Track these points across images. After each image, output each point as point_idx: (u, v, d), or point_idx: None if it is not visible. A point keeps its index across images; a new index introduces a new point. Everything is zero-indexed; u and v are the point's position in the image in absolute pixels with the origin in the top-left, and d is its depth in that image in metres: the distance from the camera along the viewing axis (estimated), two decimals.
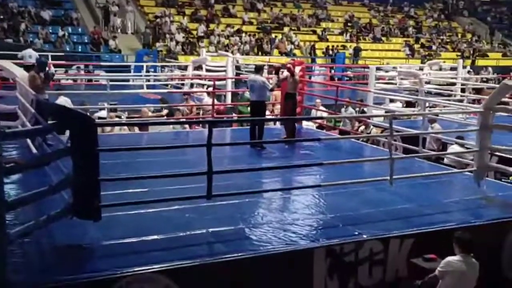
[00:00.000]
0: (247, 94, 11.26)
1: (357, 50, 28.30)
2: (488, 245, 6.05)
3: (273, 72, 10.82)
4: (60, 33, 23.06)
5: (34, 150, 7.24)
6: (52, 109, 5.21)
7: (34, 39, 22.33)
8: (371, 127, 11.52)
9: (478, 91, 16.32)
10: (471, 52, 31.98)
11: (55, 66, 17.66)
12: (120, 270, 4.53)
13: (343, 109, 12.88)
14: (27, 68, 10.60)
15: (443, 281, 5.15)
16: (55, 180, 5.01)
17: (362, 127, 11.97)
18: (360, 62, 26.88)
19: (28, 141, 7.56)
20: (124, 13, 26.41)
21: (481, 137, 7.09)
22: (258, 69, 9.63)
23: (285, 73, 9.95)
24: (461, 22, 36.54)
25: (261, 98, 9.33)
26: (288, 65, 10.14)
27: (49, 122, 5.34)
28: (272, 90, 10.00)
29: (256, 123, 9.26)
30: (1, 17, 23.22)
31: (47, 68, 8.89)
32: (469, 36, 34.79)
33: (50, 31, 23.60)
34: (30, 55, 17.22)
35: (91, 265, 4.62)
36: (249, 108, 9.96)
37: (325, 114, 12.82)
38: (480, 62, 30.09)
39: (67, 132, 5.12)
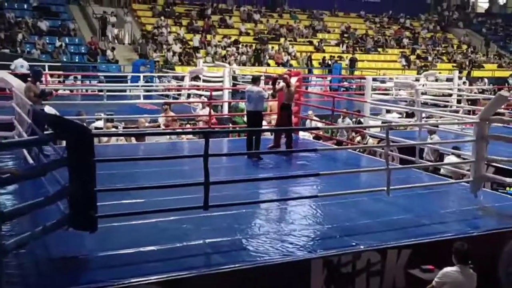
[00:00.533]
0: (242, 105, 11.27)
1: (353, 61, 28.42)
2: (485, 255, 6.04)
3: (270, 82, 10.79)
4: (57, 43, 23.07)
5: (30, 161, 7.22)
6: (48, 119, 5.20)
7: (31, 50, 22.33)
8: (368, 137, 11.54)
9: (474, 102, 16.39)
10: (467, 63, 32.16)
11: (52, 76, 17.70)
12: (116, 281, 4.50)
13: (340, 120, 12.90)
14: (23, 78, 10.59)
15: None
16: (51, 191, 4.99)
17: (359, 138, 11.99)
18: (356, 73, 26.98)
19: (25, 151, 7.54)
20: (121, 23, 26.48)
21: (477, 147, 7.11)
22: (255, 80, 9.62)
23: (281, 83, 9.96)
24: (457, 34, 36.78)
25: (258, 108, 9.35)
26: (285, 76, 10.17)
27: (46, 132, 5.33)
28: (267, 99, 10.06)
29: (253, 133, 9.26)
30: None
31: (44, 87, 8.87)
32: (464, 47, 35.00)
33: (47, 41, 23.62)
34: (22, 65, 17.20)
35: (88, 276, 4.59)
36: (245, 118, 9.96)
37: (319, 124, 12.83)
38: (476, 73, 30.24)
39: (63, 142, 5.11)
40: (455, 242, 5.38)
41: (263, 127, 12.80)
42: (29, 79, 9.08)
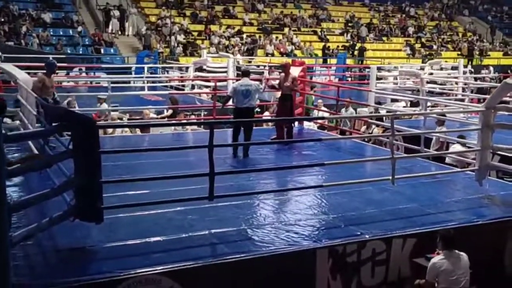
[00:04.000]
0: None
1: (362, 50, 28.35)
2: (491, 244, 6.05)
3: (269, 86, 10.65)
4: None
5: (36, 153, 7.24)
6: (54, 111, 5.22)
7: (30, 41, 22.26)
8: (373, 126, 11.52)
9: (480, 90, 16.31)
10: (472, 51, 31.96)
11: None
12: (123, 272, 4.53)
13: (343, 109, 12.85)
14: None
15: (439, 283, 5.15)
16: (57, 183, 5.01)
17: (364, 127, 11.97)
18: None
19: (30, 143, 7.57)
20: (125, 15, 26.43)
21: (483, 136, 7.09)
22: (247, 73, 9.14)
23: (281, 75, 9.77)
24: (462, 22, 36.52)
25: (253, 104, 8.83)
26: (285, 63, 10.08)
27: (52, 124, 5.35)
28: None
29: (245, 127, 8.58)
30: (2, 20, 23.26)
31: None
32: (470, 35, 34.77)
33: (51, 33, 23.63)
34: None
35: (94, 267, 4.63)
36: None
37: (326, 114, 12.81)
38: (480, 61, 30.08)
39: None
40: (439, 230, 5.39)
41: (266, 117, 12.81)
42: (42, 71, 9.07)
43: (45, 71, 8.77)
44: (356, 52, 28.69)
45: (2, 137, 3.83)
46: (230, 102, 9.35)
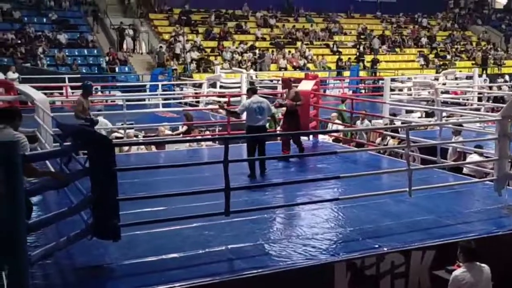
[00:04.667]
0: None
1: (375, 62, 28.34)
2: (511, 254, 5.95)
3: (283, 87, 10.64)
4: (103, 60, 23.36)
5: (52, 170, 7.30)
6: (71, 130, 5.28)
7: (36, 61, 22.55)
8: (388, 138, 11.45)
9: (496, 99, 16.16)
10: (486, 60, 31.75)
11: (72, 88, 17.93)
12: None
13: (358, 122, 12.80)
14: None
15: None
16: (74, 201, 5.05)
17: (379, 139, 11.90)
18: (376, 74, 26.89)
19: (48, 163, 7.64)
20: (138, 33, 26.76)
21: (500, 145, 7.01)
22: (255, 91, 8.88)
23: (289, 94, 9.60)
24: (475, 31, 36.35)
25: (266, 122, 8.65)
26: (284, 78, 10.01)
27: (68, 143, 5.41)
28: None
29: (259, 144, 8.35)
30: (19, 41, 23.67)
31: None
32: (484, 44, 34.57)
33: (67, 53, 23.99)
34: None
35: (112, 285, 4.64)
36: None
37: (340, 127, 12.78)
38: (496, 70, 29.85)
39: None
40: (460, 241, 5.31)
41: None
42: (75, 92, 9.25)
43: (82, 93, 8.85)
44: (368, 64, 28.68)
45: (20, 157, 3.89)
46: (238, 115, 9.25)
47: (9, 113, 5.06)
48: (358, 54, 29.46)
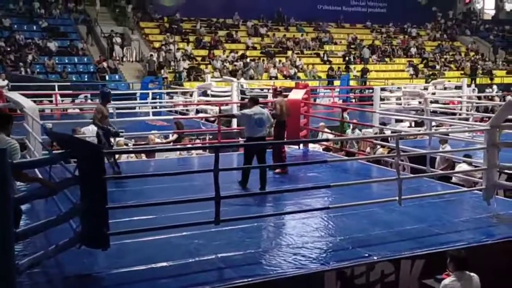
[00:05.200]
0: None
1: (364, 71, 28.52)
2: (501, 264, 5.98)
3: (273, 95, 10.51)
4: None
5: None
6: (60, 138, 5.25)
7: (25, 68, 22.45)
8: (378, 147, 11.50)
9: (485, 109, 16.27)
10: (475, 70, 32.05)
11: (62, 96, 17.88)
12: None
13: (349, 131, 12.86)
14: None
15: None
16: (63, 209, 5.02)
17: (368, 149, 11.95)
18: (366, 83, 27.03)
19: (36, 171, 7.59)
20: (129, 41, 26.74)
21: (489, 155, 7.06)
22: (257, 101, 8.57)
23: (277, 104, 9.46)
24: (464, 41, 36.72)
25: (266, 132, 8.47)
26: (274, 87, 9.95)
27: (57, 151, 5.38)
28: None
29: (258, 155, 8.18)
30: (9, 49, 23.56)
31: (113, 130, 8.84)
32: (472, 54, 34.91)
33: (57, 61, 23.91)
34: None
35: None
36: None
37: (330, 136, 12.81)
38: (485, 80, 30.13)
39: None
40: (450, 250, 5.34)
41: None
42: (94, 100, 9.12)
43: (101, 101, 8.69)
44: (358, 73, 28.85)
45: (9, 165, 3.86)
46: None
47: (2, 119, 5.00)
48: (346, 63, 29.65)
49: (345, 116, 13.45)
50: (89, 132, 11.36)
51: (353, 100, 21.92)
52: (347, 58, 30.52)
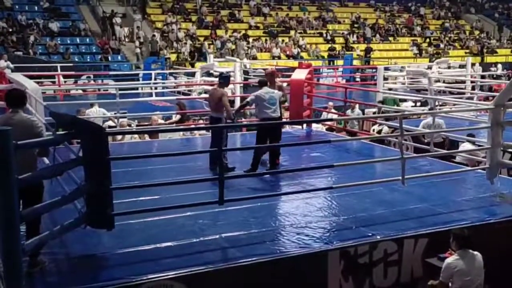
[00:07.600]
0: None
1: (368, 50, 28.32)
2: (504, 242, 6.00)
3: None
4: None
5: (47, 161, 7.27)
6: (63, 119, 5.24)
7: (25, 49, 22.38)
8: (383, 126, 11.46)
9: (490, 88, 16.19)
10: (480, 49, 31.81)
11: (64, 77, 17.85)
12: (135, 278, 4.54)
13: (348, 111, 12.78)
14: None
15: (453, 284, 5.11)
16: (67, 190, 5.04)
17: (375, 127, 11.91)
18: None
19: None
20: (131, 22, 26.58)
21: (493, 134, 7.03)
22: (266, 83, 8.33)
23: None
24: (469, 20, 36.37)
25: (278, 113, 8.27)
26: (267, 71, 9.78)
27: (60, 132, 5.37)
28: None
29: (271, 137, 8.07)
30: (10, 30, 23.45)
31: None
32: (477, 33, 34.60)
33: (59, 42, 23.80)
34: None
35: (106, 274, 4.64)
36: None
37: (334, 116, 12.78)
38: (489, 59, 29.91)
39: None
40: (453, 229, 5.35)
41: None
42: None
43: (225, 85, 8.28)
44: (361, 53, 28.66)
45: (12, 146, 3.86)
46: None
47: (21, 98, 4.96)
48: (345, 43, 29.39)
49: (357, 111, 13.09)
50: (93, 113, 11.36)
51: (358, 80, 21.80)
52: (352, 37, 30.26)
